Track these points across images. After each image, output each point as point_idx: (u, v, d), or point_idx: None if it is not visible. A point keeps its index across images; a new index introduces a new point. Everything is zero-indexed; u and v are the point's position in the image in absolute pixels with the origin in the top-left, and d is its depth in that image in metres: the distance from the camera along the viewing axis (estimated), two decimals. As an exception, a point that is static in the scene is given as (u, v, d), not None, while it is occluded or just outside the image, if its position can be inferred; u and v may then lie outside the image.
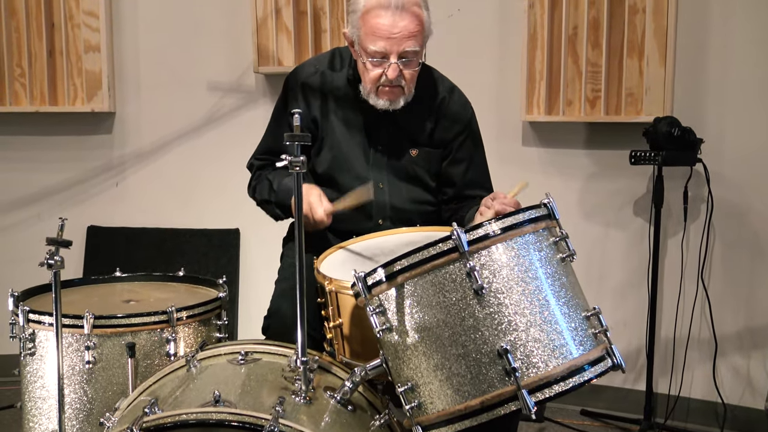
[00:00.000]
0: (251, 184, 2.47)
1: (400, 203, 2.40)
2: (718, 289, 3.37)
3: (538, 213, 1.65)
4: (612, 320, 3.45)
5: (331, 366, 1.93)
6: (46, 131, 3.98)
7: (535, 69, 3.49)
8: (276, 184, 2.35)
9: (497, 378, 1.54)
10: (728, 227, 3.35)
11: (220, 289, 2.35)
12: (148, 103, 3.98)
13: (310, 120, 2.38)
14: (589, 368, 1.57)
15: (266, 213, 2.44)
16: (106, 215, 4.02)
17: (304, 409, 1.68)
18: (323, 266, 2.04)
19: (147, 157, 4.01)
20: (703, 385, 3.43)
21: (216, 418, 1.51)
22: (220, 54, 3.90)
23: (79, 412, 2.09)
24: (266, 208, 2.42)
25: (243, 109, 3.89)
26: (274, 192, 2.35)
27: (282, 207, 2.35)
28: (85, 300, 2.33)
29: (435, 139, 2.41)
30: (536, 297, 1.57)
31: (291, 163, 1.64)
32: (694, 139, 3.18)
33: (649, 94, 3.31)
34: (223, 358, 1.91)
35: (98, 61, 3.84)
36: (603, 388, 3.56)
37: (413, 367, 1.61)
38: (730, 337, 3.38)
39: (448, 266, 1.57)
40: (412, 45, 2.18)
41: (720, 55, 3.29)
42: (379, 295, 1.64)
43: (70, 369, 2.07)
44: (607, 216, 3.56)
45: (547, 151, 3.61)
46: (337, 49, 2.47)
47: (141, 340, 2.10)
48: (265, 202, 2.40)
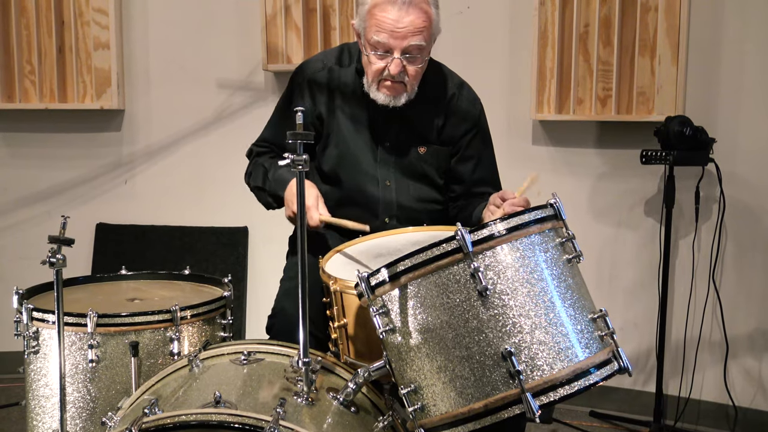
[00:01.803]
0: (248, 170, 2.45)
1: (407, 201, 2.38)
2: (729, 290, 3.34)
3: (544, 213, 1.62)
4: (622, 321, 3.47)
5: (334, 367, 1.91)
6: (56, 128, 3.99)
7: (545, 67, 3.46)
8: (271, 172, 2.32)
9: (501, 381, 1.51)
10: (740, 228, 3.31)
11: (225, 288, 2.33)
12: (157, 101, 3.98)
13: (316, 116, 2.36)
14: (595, 371, 1.54)
15: (258, 200, 2.41)
16: (115, 213, 4.03)
17: (305, 410, 1.66)
18: (328, 266, 2.02)
19: (156, 155, 4.02)
20: (714, 387, 3.39)
21: (216, 419, 1.49)
22: (229, 51, 3.89)
23: (83, 410, 2.07)
24: (259, 195, 2.40)
25: (252, 107, 3.88)
26: (269, 180, 2.33)
27: (274, 196, 2.33)
28: (89, 298, 2.32)
29: (444, 136, 2.38)
30: (541, 299, 1.55)
31: (294, 161, 1.62)
32: (706, 138, 3.15)
33: (660, 93, 3.28)
34: (225, 358, 1.89)
35: (108, 59, 3.85)
36: (612, 390, 3.54)
37: (416, 369, 1.59)
38: (741, 339, 3.34)
39: (452, 267, 1.55)
40: (418, 41, 2.15)
41: (733, 53, 3.25)
42: (383, 296, 1.62)
43: (73, 367, 2.06)
44: (617, 216, 3.53)
45: (557, 150, 3.58)
46: (345, 45, 2.45)
47: (144, 339, 2.09)
48: (259, 189, 2.38)
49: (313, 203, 2.13)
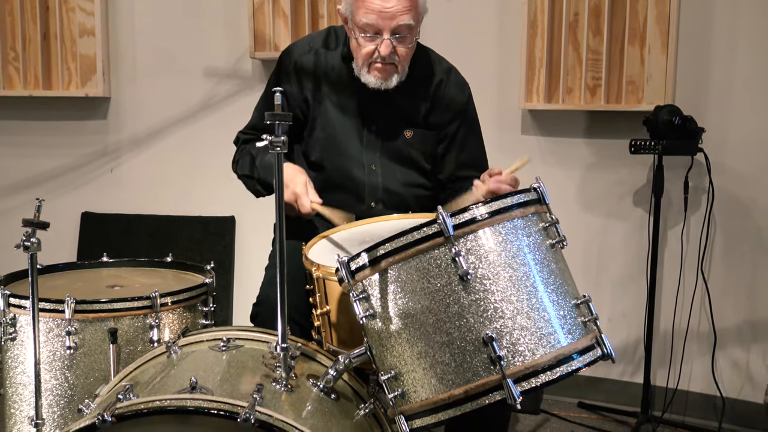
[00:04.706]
0: (235, 158, 2.43)
1: (393, 186, 2.36)
2: (718, 281, 3.32)
3: (527, 197, 1.60)
4: (610, 312, 3.45)
5: (315, 354, 1.89)
6: (40, 116, 3.95)
7: (534, 56, 3.43)
8: (259, 159, 2.29)
9: (482, 366, 1.49)
10: (729, 218, 3.29)
11: (207, 275, 2.30)
12: (144, 88, 3.95)
13: (302, 100, 2.34)
14: (578, 357, 1.52)
15: (247, 188, 2.39)
16: (101, 202, 4.00)
17: (284, 396, 1.63)
18: (312, 252, 2.00)
19: (142, 143, 3.99)
20: (702, 378, 3.38)
21: (191, 404, 1.46)
22: (216, 39, 3.86)
23: (60, 398, 2.05)
24: (247, 183, 2.37)
25: (239, 95, 3.84)
26: (257, 168, 2.30)
27: (263, 184, 2.30)
28: (69, 285, 2.29)
29: (431, 120, 2.36)
30: (524, 283, 1.53)
31: (272, 143, 1.58)
32: (695, 128, 3.12)
33: (650, 83, 3.25)
34: (204, 345, 1.87)
35: (93, 45, 3.82)
36: (600, 380, 3.52)
37: (397, 355, 1.57)
38: (729, 330, 3.33)
39: (433, 251, 1.53)
40: (406, 20, 2.13)
41: (723, 43, 3.23)
42: (363, 281, 1.60)
43: (51, 355, 2.03)
44: (606, 206, 3.51)
45: (546, 140, 3.56)
46: (332, 28, 2.42)
47: (123, 325, 2.06)
48: (247, 177, 2.35)
49: (303, 190, 2.10)
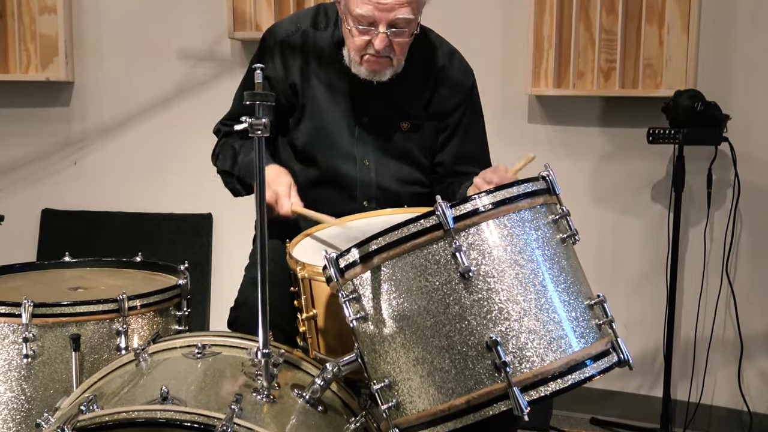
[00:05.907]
0: (215, 151, 2.42)
1: (387, 182, 2.36)
2: (744, 284, 3.33)
3: (535, 186, 1.60)
4: (626, 317, 3.46)
5: (300, 362, 1.88)
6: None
7: (543, 36, 3.44)
8: (242, 156, 2.29)
9: (485, 374, 1.49)
10: (757, 215, 3.31)
11: (181, 276, 2.29)
12: (111, 72, 3.95)
13: (288, 86, 2.33)
14: (591, 363, 1.52)
15: (225, 186, 2.39)
16: (64, 197, 4.00)
17: (266, 408, 1.63)
18: (296, 250, 1.99)
19: (109, 133, 3.99)
20: (727, 391, 3.40)
21: (162, 416, 1.45)
22: (191, 18, 3.86)
23: (16, 413, 2.03)
24: (226, 180, 2.37)
25: (217, 80, 3.84)
26: (238, 164, 2.29)
27: (243, 183, 2.30)
28: (27, 287, 2.27)
29: (431, 110, 2.36)
30: (531, 282, 1.52)
31: (252, 126, 1.57)
32: (719, 115, 3.14)
33: (669, 66, 3.27)
34: (177, 352, 1.86)
35: (54, 24, 3.83)
36: (615, 394, 3.54)
37: (391, 362, 1.57)
38: (757, 338, 3.34)
39: (431, 246, 1.52)
40: (405, 13, 2.12)
41: (749, 22, 3.24)
42: (353, 280, 1.59)
43: (5, 364, 2.01)
44: (621, 201, 3.52)
45: (555, 129, 3.57)
46: (321, 5, 2.40)
47: (87, 331, 2.04)
48: (226, 174, 2.35)
49: (285, 191, 2.11)
